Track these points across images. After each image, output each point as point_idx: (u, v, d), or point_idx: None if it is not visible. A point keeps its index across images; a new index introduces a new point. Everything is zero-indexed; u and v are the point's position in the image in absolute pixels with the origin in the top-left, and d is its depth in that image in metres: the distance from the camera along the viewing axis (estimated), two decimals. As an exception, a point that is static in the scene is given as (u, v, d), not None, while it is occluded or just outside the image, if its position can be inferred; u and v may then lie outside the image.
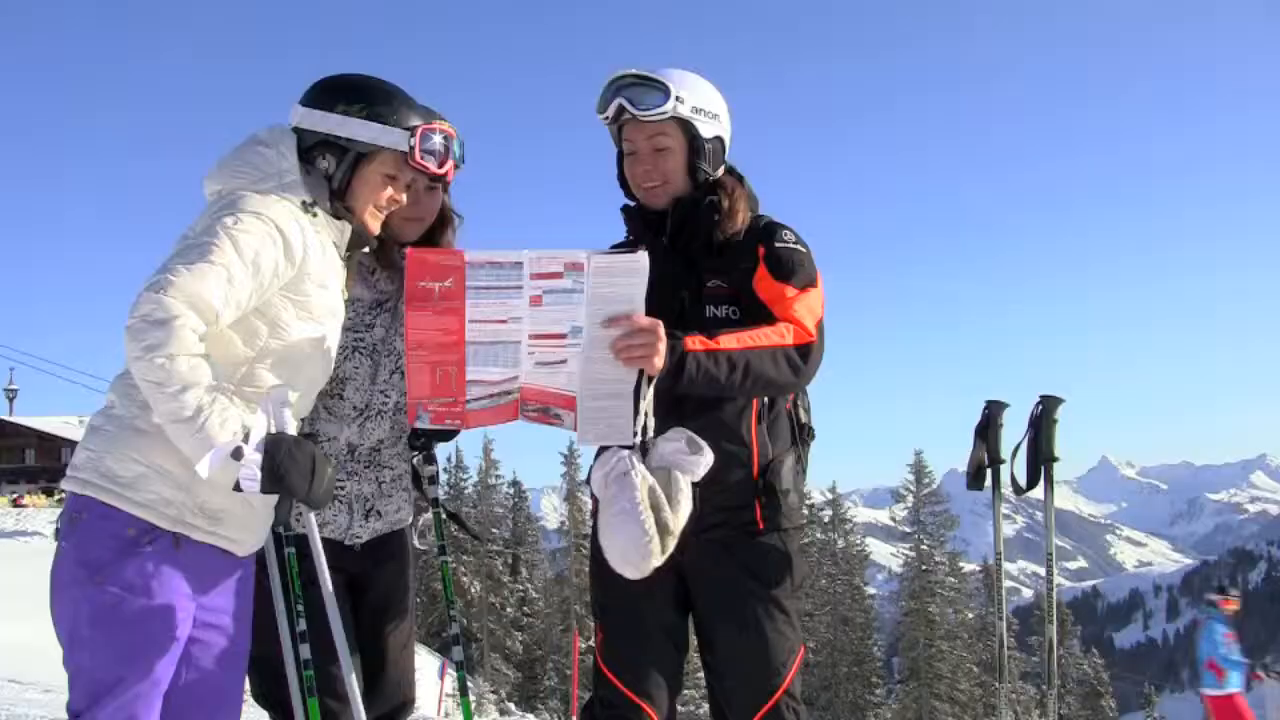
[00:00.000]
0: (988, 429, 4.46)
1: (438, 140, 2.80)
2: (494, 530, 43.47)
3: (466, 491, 46.07)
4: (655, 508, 2.59)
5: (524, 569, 43.69)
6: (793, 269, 2.94)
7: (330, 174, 2.73)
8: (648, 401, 2.65)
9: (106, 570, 2.43)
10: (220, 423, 2.29)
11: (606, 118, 3.04)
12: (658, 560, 2.60)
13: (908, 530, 40.45)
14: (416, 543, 3.28)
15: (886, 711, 38.11)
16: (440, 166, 2.82)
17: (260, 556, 2.88)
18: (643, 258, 2.53)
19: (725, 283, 2.97)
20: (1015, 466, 4.55)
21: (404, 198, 2.87)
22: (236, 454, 2.29)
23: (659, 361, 2.60)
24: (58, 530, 2.55)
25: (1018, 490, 4.46)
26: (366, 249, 2.93)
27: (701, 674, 3.12)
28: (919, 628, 38.58)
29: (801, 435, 3.15)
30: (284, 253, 2.54)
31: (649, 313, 2.60)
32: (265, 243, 2.50)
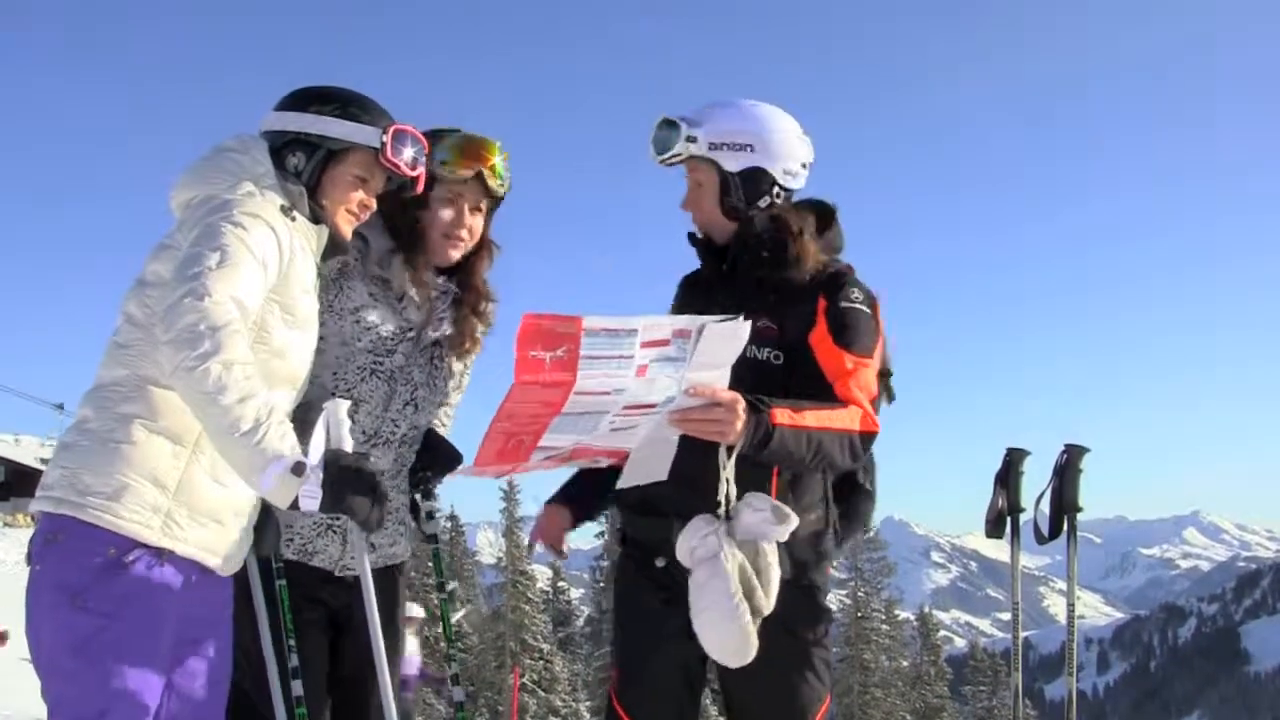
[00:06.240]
0: (1008, 476, 4.43)
1: (410, 141, 2.72)
2: (429, 564, 42.98)
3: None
4: (748, 594, 2.55)
5: (458, 604, 43.32)
6: (854, 335, 2.87)
7: (300, 170, 2.64)
8: (729, 470, 2.61)
9: (86, 593, 2.29)
10: (280, 436, 2.17)
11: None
12: (755, 647, 2.57)
13: (844, 577, 40.43)
14: None
15: (818, 758, 37.91)
16: (412, 170, 2.72)
17: (245, 587, 2.77)
18: (745, 326, 2.44)
19: (774, 323, 2.87)
20: (1037, 515, 4.40)
21: (374, 203, 2.77)
22: (297, 469, 2.17)
23: (733, 438, 2.55)
24: (30, 554, 2.37)
25: (1040, 539, 4.37)
26: (384, 272, 2.93)
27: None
28: (853, 674, 38.47)
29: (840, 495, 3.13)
30: (277, 253, 2.47)
31: None
32: (268, 242, 2.43)
